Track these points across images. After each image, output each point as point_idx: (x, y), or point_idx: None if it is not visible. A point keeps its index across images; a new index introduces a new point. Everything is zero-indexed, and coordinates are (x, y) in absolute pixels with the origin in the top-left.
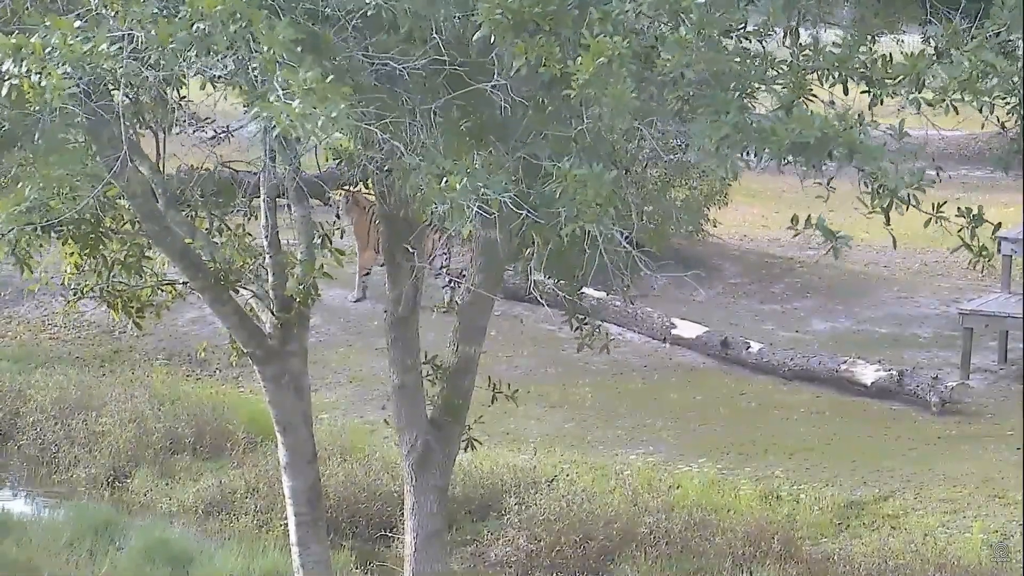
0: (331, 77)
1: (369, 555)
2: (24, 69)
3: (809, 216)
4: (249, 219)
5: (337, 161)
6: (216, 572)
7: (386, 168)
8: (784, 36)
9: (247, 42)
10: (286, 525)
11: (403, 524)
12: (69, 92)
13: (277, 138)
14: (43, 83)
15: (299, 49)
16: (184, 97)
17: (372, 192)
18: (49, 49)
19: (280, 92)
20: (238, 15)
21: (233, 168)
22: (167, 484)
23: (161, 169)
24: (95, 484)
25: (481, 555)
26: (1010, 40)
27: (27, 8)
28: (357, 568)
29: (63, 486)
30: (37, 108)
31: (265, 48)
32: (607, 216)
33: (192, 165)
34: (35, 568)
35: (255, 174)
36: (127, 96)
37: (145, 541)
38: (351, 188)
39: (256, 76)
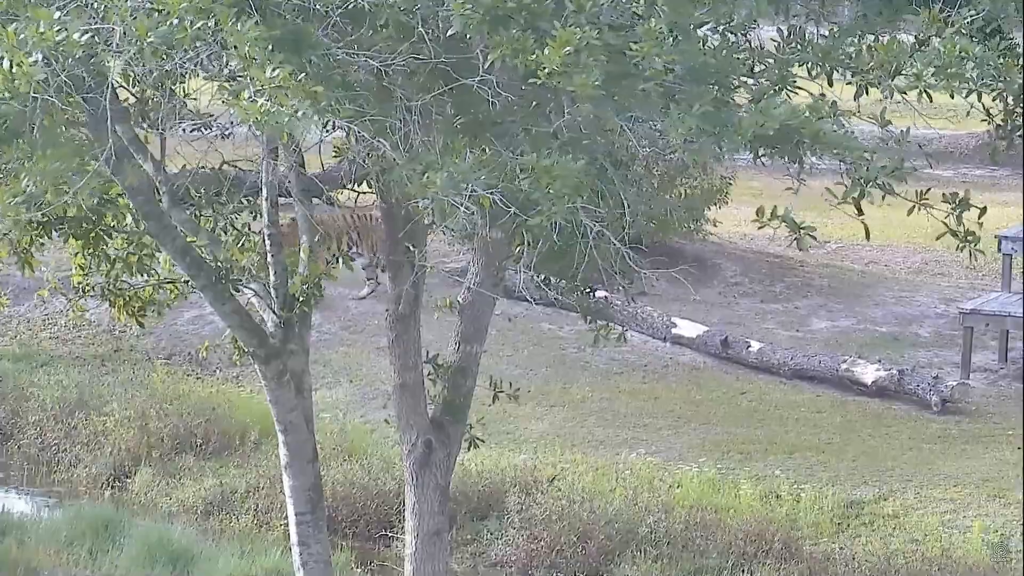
0: (302, 75)
1: (369, 554)
2: None
3: (775, 207)
4: (255, 217)
5: (338, 159)
6: (217, 572)
7: (377, 165)
8: (780, 31)
9: (217, 40)
10: (287, 525)
11: (403, 523)
12: (37, 80)
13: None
14: (14, 71)
15: (270, 47)
16: (188, 95)
17: (374, 192)
18: (22, 37)
19: (252, 90)
20: (204, 12)
21: (236, 166)
22: (168, 484)
23: (163, 167)
24: (96, 484)
25: (481, 554)
26: (989, 27)
27: None
28: (357, 567)
29: (64, 486)
30: (20, 99)
31: (236, 46)
32: (577, 207)
33: (196, 163)
34: (35, 568)
35: (257, 173)
36: (131, 93)
37: (146, 541)
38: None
39: (233, 73)
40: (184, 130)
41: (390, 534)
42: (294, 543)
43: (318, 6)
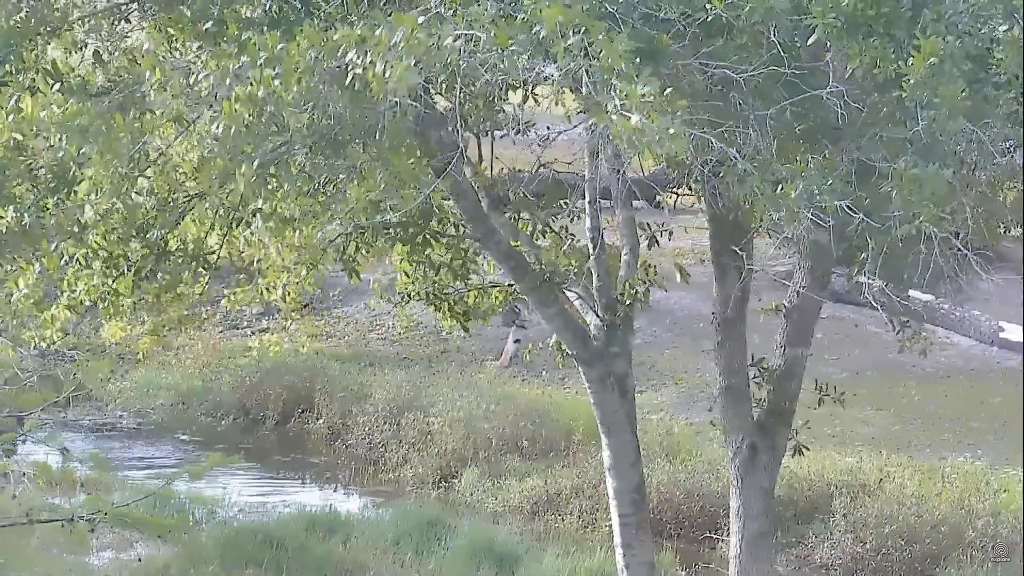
0: (668, 90)
1: (694, 556)
2: (368, 60)
3: None
4: (573, 221)
5: (665, 164)
6: (541, 572)
7: (718, 173)
8: None
9: (584, 51)
10: (611, 526)
11: (728, 525)
12: (412, 84)
13: (605, 141)
14: (387, 74)
15: (637, 59)
16: (504, 99)
17: (697, 193)
18: (395, 41)
19: (618, 103)
20: (578, 25)
21: (557, 170)
22: (493, 484)
23: (487, 171)
24: (422, 484)
25: (806, 557)
26: None
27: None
28: (681, 569)
29: (390, 485)
30: (374, 101)
31: (603, 57)
32: (942, 216)
33: (516, 168)
34: (362, 565)
35: (580, 176)
36: (448, 99)
37: (471, 541)
38: None
39: (593, 83)
40: (499, 135)
41: (715, 536)
42: (617, 544)
43: (671, 15)
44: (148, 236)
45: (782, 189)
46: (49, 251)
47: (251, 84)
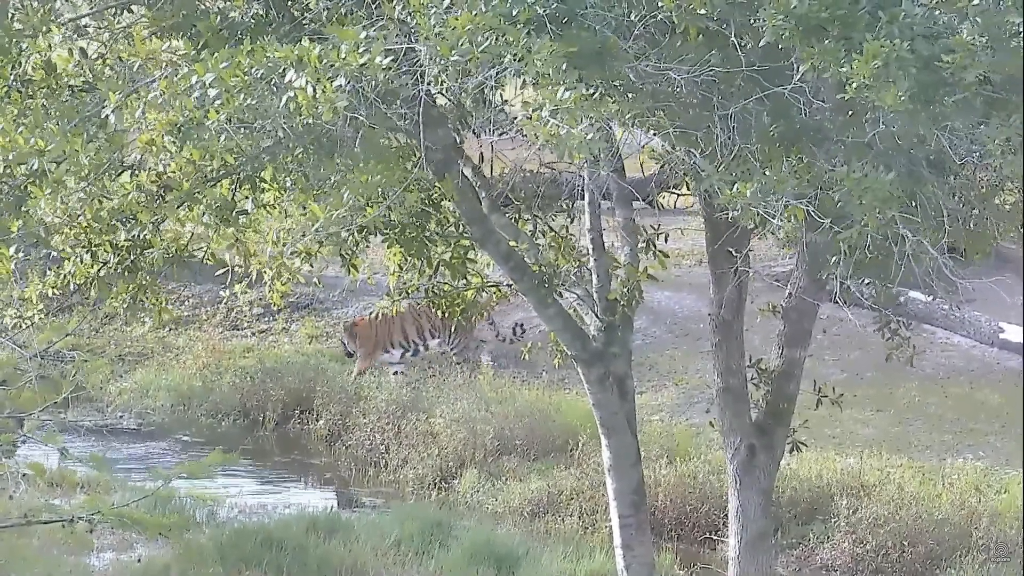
0: (597, 92)
1: (694, 557)
2: (303, 81)
3: None
4: (572, 221)
5: (660, 165)
6: (542, 574)
7: (690, 174)
8: None
9: (508, 58)
10: (611, 527)
11: (728, 526)
12: (340, 105)
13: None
14: (317, 95)
15: (564, 66)
16: (505, 101)
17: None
18: (325, 62)
19: (548, 109)
20: (493, 31)
21: (556, 170)
22: (493, 485)
23: (485, 172)
24: (422, 485)
25: (806, 558)
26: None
27: (334, 12)
28: (681, 570)
29: (391, 486)
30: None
31: (524, 62)
32: (890, 219)
33: (516, 167)
34: (363, 566)
35: (579, 176)
36: (450, 100)
37: (472, 542)
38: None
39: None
40: (496, 134)
41: (715, 537)
42: (617, 546)
43: (631, 18)
44: (130, 231)
45: (738, 188)
46: (7, 255)
47: (172, 109)
